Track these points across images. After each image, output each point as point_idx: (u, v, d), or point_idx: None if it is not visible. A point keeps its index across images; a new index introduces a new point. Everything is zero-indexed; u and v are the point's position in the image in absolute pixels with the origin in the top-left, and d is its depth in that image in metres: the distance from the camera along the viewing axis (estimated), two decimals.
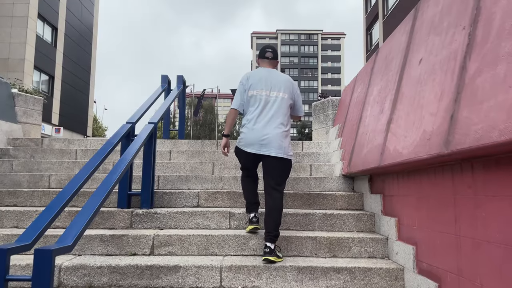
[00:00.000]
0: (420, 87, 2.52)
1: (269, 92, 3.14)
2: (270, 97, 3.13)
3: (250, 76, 3.25)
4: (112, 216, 3.41)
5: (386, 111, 3.13)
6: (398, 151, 2.60)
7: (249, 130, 3.10)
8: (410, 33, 3.05)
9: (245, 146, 3.11)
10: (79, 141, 5.13)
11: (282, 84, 3.18)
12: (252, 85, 3.18)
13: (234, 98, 3.31)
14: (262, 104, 3.11)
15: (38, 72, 21.65)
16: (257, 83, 3.17)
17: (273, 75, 3.23)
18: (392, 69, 3.31)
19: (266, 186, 3.08)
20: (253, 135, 3.06)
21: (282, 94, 3.15)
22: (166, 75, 5.18)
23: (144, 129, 3.61)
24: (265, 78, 3.19)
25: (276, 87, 3.16)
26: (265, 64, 3.34)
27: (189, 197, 3.77)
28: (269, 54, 3.35)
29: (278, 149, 3.01)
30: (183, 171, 4.45)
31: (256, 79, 3.20)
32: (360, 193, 3.80)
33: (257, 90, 3.15)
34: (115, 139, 3.43)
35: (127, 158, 3.10)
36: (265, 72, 3.25)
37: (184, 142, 5.12)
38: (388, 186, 3.17)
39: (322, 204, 3.76)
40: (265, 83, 3.17)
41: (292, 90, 3.23)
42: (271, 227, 2.90)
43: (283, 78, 3.24)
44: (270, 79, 3.19)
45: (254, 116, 3.10)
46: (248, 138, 3.08)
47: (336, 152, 4.54)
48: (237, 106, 3.22)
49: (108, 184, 2.69)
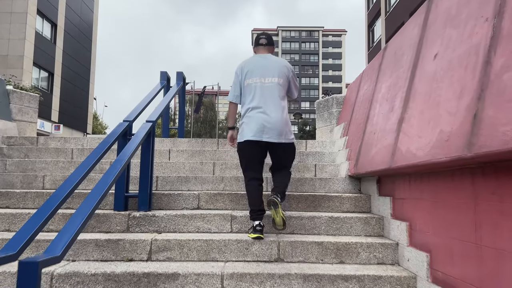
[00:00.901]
0: (436, 84, 2.35)
1: (264, 79, 3.11)
2: (265, 83, 3.10)
3: (244, 65, 3.22)
4: (108, 219, 3.25)
5: (397, 110, 2.96)
6: (412, 152, 2.44)
7: (248, 119, 3.07)
8: (423, 26, 2.88)
9: (247, 136, 3.05)
10: (75, 139, 4.97)
11: (276, 69, 3.14)
12: (247, 74, 3.16)
13: (230, 91, 3.30)
14: (258, 92, 3.08)
15: (37, 69, 21.47)
16: (251, 71, 3.15)
17: (267, 61, 3.19)
18: (402, 65, 3.14)
19: (274, 167, 3.22)
20: (253, 123, 3.04)
21: (277, 79, 3.12)
22: (165, 71, 5.01)
23: (142, 127, 3.45)
24: (259, 65, 3.16)
25: (271, 72, 3.13)
26: (260, 51, 3.31)
27: (188, 199, 3.61)
28: (263, 41, 3.32)
29: (278, 136, 3.03)
30: (183, 171, 4.29)
31: (251, 67, 3.17)
32: (367, 194, 3.64)
33: (252, 79, 3.13)
34: (111, 138, 3.27)
35: (123, 159, 2.93)
36: (259, 58, 3.22)
37: (184, 141, 4.96)
38: (399, 188, 3.01)
39: (328, 206, 3.60)
40: (259, 70, 3.14)
41: (288, 74, 3.20)
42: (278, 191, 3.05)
43: (277, 63, 3.19)
44: (264, 65, 3.16)
45: (252, 105, 3.08)
46: (249, 128, 3.06)
47: (342, 152, 4.38)
48: (232, 98, 3.25)
49: (101, 189, 2.52)
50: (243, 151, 3.13)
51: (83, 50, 27.01)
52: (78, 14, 26.09)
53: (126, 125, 3.48)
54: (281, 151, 3.12)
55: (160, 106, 3.91)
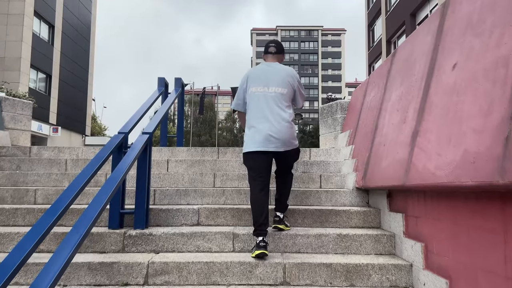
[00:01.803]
0: (456, 97, 2.16)
1: (268, 88, 3.10)
2: (269, 92, 3.08)
3: (250, 74, 3.22)
4: (102, 238, 3.06)
5: (410, 122, 2.77)
6: (430, 170, 2.25)
7: (253, 129, 3.05)
8: (438, 33, 2.69)
9: (252, 147, 3.03)
10: (69, 149, 4.77)
11: (281, 79, 3.12)
12: (251, 83, 3.15)
13: (235, 99, 3.31)
14: (262, 101, 3.07)
15: (35, 70, 21.25)
16: (256, 80, 3.14)
17: (272, 70, 3.17)
18: (415, 73, 2.94)
19: (277, 171, 3.29)
20: (258, 134, 3.01)
21: (281, 89, 3.10)
22: (163, 77, 4.81)
23: (138, 140, 3.25)
24: (264, 74, 3.16)
25: (275, 82, 3.11)
26: (269, 59, 3.31)
27: (188, 215, 3.42)
28: (272, 49, 3.30)
29: (284, 145, 3.04)
30: (182, 183, 4.10)
31: (255, 76, 3.17)
32: (377, 209, 3.45)
33: (256, 87, 3.12)
34: (105, 152, 3.07)
35: (118, 176, 2.74)
36: (265, 67, 3.21)
37: (183, 149, 4.76)
38: (412, 205, 2.81)
39: (335, 221, 3.40)
40: (264, 79, 3.13)
41: (293, 83, 3.17)
42: (280, 199, 3.21)
43: (282, 72, 3.16)
44: (269, 74, 3.14)
45: (256, 114, 3.06)
46: (253, 139, 3.03)
47: (348, 162, 4.18)
48: (234, 106, 3.30)
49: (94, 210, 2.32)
50: (249, 162, 3.08)
51: (81, 51, 26.78)
52: (76, 15, 25.87)
53: (121, 137, 3.28)
54: (285, 157, 3.18)
55: (157, 115, 3.72)
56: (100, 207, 2.37)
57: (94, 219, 2.25)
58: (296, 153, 3.29)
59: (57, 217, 2.28)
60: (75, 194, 2.51)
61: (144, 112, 3.80)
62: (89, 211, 2.33)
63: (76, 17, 25.87)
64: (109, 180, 2.67)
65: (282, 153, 3.08)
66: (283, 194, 3.26)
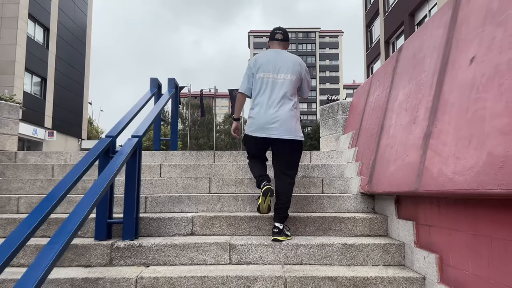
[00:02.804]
0: (476, 94, 1.94)
1: (276, 75, 3.09)
2: (277, 79, 3.08)
3: (258, 58, 3.19)
4: (88, 250, 2.82)
5: (421, 122, 2.54)
6: (447, 175, 2.02)
7: (258, 114, 3.05)
8: (451, 25, 2.47)
9: (254, 132, 3.05)
10: (57, 154, 4.53)
11: (290, 66, 3.12)
12: (260, 67, 3.13)
13: (241, 82, 3.25)
14: (270, 87, 3.06)
15: (29, 74, 20.97)
16: (265, 66, 3.12)
17: (281, 57, 3.16)
18: (425, 69, 2.72)
19: (277, 171, 3.09)
20: (262, 119, 3.01)
21: (290, 76, 3.09)
22: (155, 78, 4.58)
23: (126, 144, 3.02)
24: (273, 60, 3.13)
25: (284, 69, 3.10)
26: (275, 46, 3.29)
27: (181, 224, 3.18)
28: (278, 36, 3.28)
29: (288, 132, 2.99)
30: (175, 189, 3.86)
31: (264, 61, 3.14)
32: (384, 215, 3.22)
33: (264, 73, 3.10)
34: (90, 157, 2.84)
35: (103, 183, 2.51)
36: (274, 53, 3.19)
37: (177, 153, 4.52)
38: (424, 212, 2.59)
39: (339, 229, 3.17)
40: (273, 65, 3.11)
41: (301, 71, 3.17)
42: (280, 210, 2.99)
43: (291, 59, 3.16)
44: (278, 61, 3.13)
45: (262, 99, 3.06)
46: (257, 123, 3.04)
47: (351, 165, 3.96)
48: (244, 90, 3.19)
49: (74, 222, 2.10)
50: (249, 143, 3.19)
51: (77, 54, 26.52)
52: (72, 18, 25.61)
53: (108, 141, 3.05)
54: (288, 150, 3.05)
55: (148, 118, 3.48)
56: (81, 217, 2.15)
57: (74, 231, 2.03)
58: (299, 149, 3.14)
59: (34, 227, 2.07)
60: (55, 202, 2.29)
61: (135, 115, 3.57)
62: (69, 221, 2.11)
63: (72, 20, 25.62)
64: (93, 187, 2.44)
65: (285, 142, 3.00)
66: (283, 203, 3.02)
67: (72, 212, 2.18)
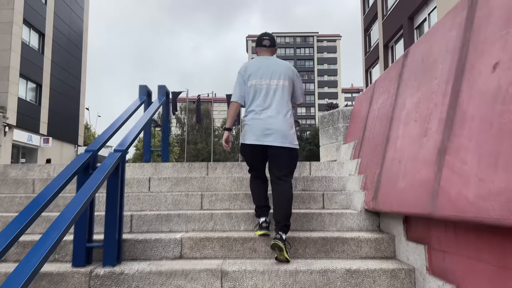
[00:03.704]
0: (502, 106, 1.67)
1: (269, 81, 3.03)
2: (270, 85, 3.02)
3: (249, 66, 3.13)
4: (64, 278, 2.53)
5: (434, 135, 2.28)
6: (469, 200, 1.75)
7: (252, 121, 2.99)
8: (466, 26, 2.21)
9: (249, 140, 2.98)
10: (40, 167, 4.25)
11: (282, 72, 3.06)
12: (251, 75, 3.07)
13: (233, 91, 3.16)
14: (263, 94, 3.00)
15: (24, 80, 20.66)
16: (256, 73, 3.06)
17: (272, 63, 3.10)
18: (436, 76, 2.46)
19: (273, 178, 3.00)
20: (256, 126, 2.95)
21: (282, 81, 3.04)
22: (145, 85, 4.31)
23: (108, 159, 2.74)
24: (264, 66, 3.08)
25: (276, 74, 3.05)
26: (263, 52, 3.23)
27: (169, 246, 2.90)
28: (266, 42, 3.23)
29: (283, 139, 2.92)
30: (164, 205, 3.58)
31: (255, 68, 3.08)
32: (391, 235, 2.95)
33: (256, 80, 3.04)
34: (67, 173, 2.56)
35: (79, 202, 2.23)
36: (264, 60, 3.13)
37: (167, 166, 4.24)
38: (438, 235, 2.31)
39: (342, 251, 2.90)
40: (264, 71, 3.05)
41: (293, 77, 3.12)
42: (281, 217, 2.82)
43: (282, 65, 3.11)
44: (269, 67, 3.07)
45: (255, 107, 3.00)
46: (251, 130, 2.97)
47: (354, 178, 3.68)
48: (237, 99, 3.11)
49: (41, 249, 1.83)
50: (246, 153, 3.10)
51: (73, 59, 26.25)
52: (67, 23, 25.36)
53: (88, 156, 2.77)
54: (284, 157, 2.95)
55: (133, 129, 3.20)
56: (52, 242, 1.89)
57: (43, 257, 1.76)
58: (295, 157, 3.05)
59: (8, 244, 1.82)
60: (26, 223, 2.02)
61: (119, 127, 3.29)
62: (39, 246, 1.84)
63: (68, 25, 25.37)
64: (67, 208, 2.17)
65: (280, 149, 2.92)
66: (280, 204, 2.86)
67: (41, 237, 1.91)
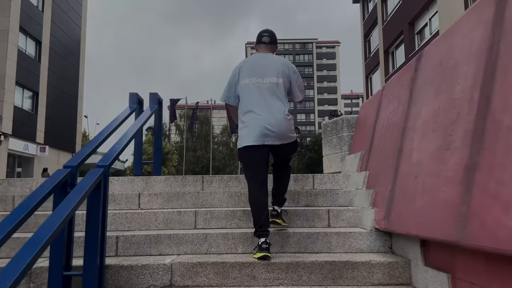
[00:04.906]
0: None
1: (262, 79, 2.91)
2: (264, 83, 2.90)
3: (243, 64, 3.04)
4: None
5: (459, 149, 1.98)
6: (511, 230, 1.45)
7: (248, 122, 2.87)
8: (495, 25, 1.92)
9: (247, 141, 2.85)
10: (22, 182, 3.94)
11: (275, 69, 2.94)
12: (244, 73, 2.96)
13: (223, 90, 3.09)
14: (257, 93, 2.89)
15: (20, 88, 20.41)
16: (249, 71, 2.96)
17: (266, 60, 3.00)
18: (459, 82, 2.17)
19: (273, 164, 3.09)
20: (253, 126, 2.83)
21: (276, 79, 2.91)
22: (135, 93, 4.01)
23: (87, 176, 2.44)
24: (258, 64, 2.98)
25: (269, 72, 2.93)
26: (262, 49, 3.11)
27: (157, 272, 2.59)
28: (265, 39, 3.10)
29: (281, 138, 2.87)
30: (155, 224, 3.26)
31: (249, 67, 2.99)
32: (406, 259, 2.63)
33: (249, 78, 2.93)
34: (43, 191, 2.26)
35: (53, 225, 1.92)
36: (258, 58, 3.04)
37: (159, 179, 3.93)
38: (465, 264, 2.00)
39: (352, 277, 2.58)
40: (258, 69, 2.94)
41: (289, 73, 2.99)
42: (278, 193, 3.04)
43: (277, 62, 2.98)
44: (263, 65, 2.96)
45: (250, 106, 2.88)
46: (248, 132, 2.85)
47: (362, 192, 3.38)
48: (225, 99, 3.08)
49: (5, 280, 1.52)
50: (245, 158, 2.91)
51: (71, 67, 26.00)
52: (65, 30, 25.15)
53: (66, 173, 2.47)
54: (282, 150, 2.98)
55: (120, 142, 2.90)
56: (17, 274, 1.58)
57: None
58: (293, 145, 3.06)
59: None
60: None
61: (104, 139, 2.99)
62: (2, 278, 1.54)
63: (65, 33, 25.16)
64: (40, 231, 1.87)
65: (278, 147, 2.90)
66: (281, 188, 3.09)
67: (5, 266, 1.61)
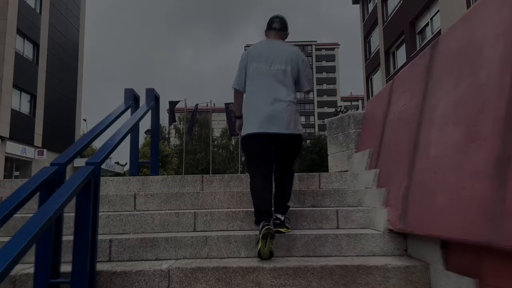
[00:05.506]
0: None
1: (269, 66, 2.85)
2: (271, 70, 2.84)
3: (251, 50, 2.98)
4: None
5: (488, 140, 1.77)
6: None
7: (253, 108, 2.83)
8: None
9: (253, 128, 2.78)
10: (11, 183, 3.73)
11: (285, 56, 2.88)
12: (253, 59, 2.91)
13: (235, 76, 3.01)
14: (264, 79, 2.84)
15: (18, 91, 20.19)
16: (258, 57, 2.90)
17: (276, 47, 2.93)
18: (484, 65, 1.96)
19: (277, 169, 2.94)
20: (258, 113, 2.78)
21: (284, 66, 2.86)
22: (131, 89, 3.81)
23: (77, 173, 2.23)
24: (267, 50, 2.92)
25: (278, 59, 2.86)
26: (272, 36, 3.02)
27: (153, 279, 2.38)
28: (276, 25, 2.99)
29: (287, 126, 2.77)
30: (151, 226, 3.05)
31: (257, 52, 2.93)
32: (424, 262, 2.42)
33: (258, 64, 2.88)
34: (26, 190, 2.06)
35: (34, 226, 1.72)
36: (268, 44, 2.98)
37: (156, 180, 3.72)
38: (493, 267, 1.79)
39: (366, 283, 2.37)
40: (267, 56, 2.88)
41: (297, 61, 2.92)
42: (281, 200, 2.88)
43: (287, 49, 2.91)
44: (272, 51, 2.89)
45: (257, 93, 2.84)
46: (253, 119, 2.79)
47: (372, 191, 3.17)
48: (236, 85, 3.00)
49: None
50: (250, 147, 2.86)
51: (69, 70, 25.80)
52: (63, 33, 24.95)
53: (53, 170, 2.26)
54: (287, 144, 2.84)
55: (112, 138, 2.70)
56: None
57: None
58: (299, 143, 2.96)
59: None
60: None
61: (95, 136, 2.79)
62: None
63: (63, 35, 24.98)
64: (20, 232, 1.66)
65: (283, 139, 2.79)
66: (284, 195, 2.92)
67: None
